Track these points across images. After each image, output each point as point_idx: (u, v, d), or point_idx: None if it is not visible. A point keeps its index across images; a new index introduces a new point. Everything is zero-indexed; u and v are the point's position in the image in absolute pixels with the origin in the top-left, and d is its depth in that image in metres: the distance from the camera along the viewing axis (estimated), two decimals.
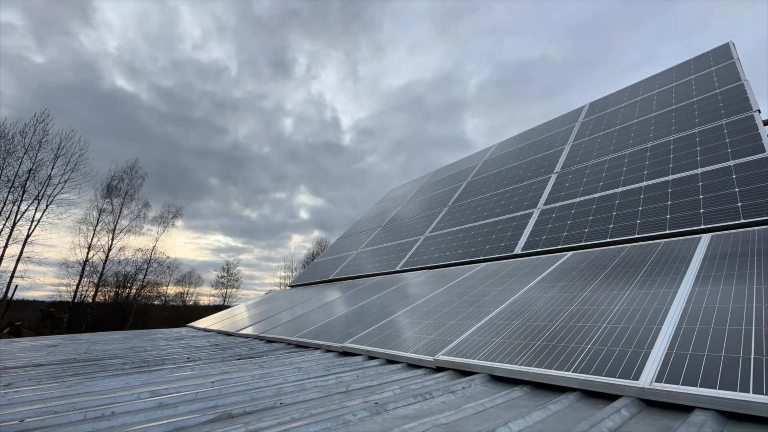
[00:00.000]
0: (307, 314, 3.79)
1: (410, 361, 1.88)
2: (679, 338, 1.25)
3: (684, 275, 1.75)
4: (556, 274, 2.40)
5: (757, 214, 2.17)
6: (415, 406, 1.24)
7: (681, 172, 2.94)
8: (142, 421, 1.17)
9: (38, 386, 1.69)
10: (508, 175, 5.32)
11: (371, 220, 8.17)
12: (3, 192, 16.30)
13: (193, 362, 2.39)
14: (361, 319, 2.91)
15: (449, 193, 6.34)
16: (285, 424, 1.05)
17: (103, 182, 21.06)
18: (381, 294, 3.63)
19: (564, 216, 3.39)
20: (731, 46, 4.36)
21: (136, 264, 21.34)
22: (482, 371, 1.53)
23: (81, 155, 18.53)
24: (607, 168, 3.70)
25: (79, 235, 20.01)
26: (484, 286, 2.70)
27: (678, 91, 4.25)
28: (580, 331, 1.53)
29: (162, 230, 22.74)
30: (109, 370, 2.22)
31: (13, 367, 2.32)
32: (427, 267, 4.25)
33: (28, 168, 16.99)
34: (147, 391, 1.47)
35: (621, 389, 1.12)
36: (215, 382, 1.64)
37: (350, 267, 6.04)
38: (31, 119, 17.21)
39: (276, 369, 1.95)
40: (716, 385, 0.98)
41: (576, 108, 6.15)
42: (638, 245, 2.43)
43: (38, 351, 3.24)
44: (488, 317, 2.03)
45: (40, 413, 1.22)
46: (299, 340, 2.86)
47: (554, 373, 1.29)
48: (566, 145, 4.92)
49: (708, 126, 3.26)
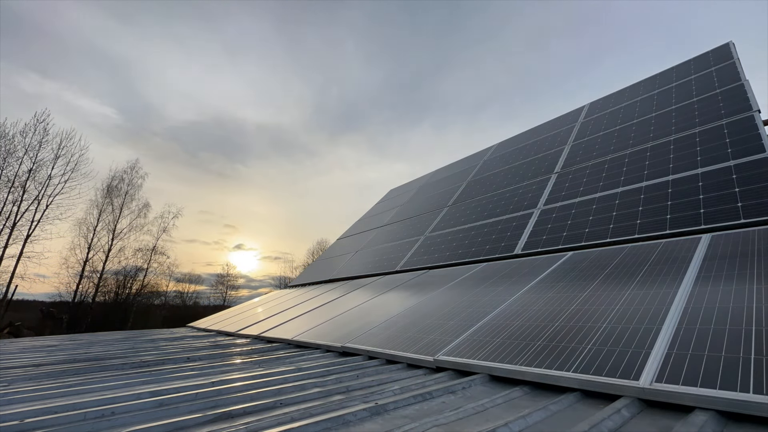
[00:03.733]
0: (307, 314, 3.78)
1: (410, 361, 1.88)
2: (679, 338, 1.25)
3: (684, 275, 1.75)
4: (556, 275, 2.40)
5: (757, 214, 2.17)
6: (415, 406, 1.24)
7: (681, 172, 2.94)
8: (142, 421, 1.17)
9: (38, 386, 1.69)
10: (508, 175, 5.32)
11: (371, 220, 8.17)
12: (3, 192, 16.31)
13: (193, 362, 2.39)
14: (361, 319, 2.91)
15: (449, 193, 6.34)
16: (285, 424, 1.05)
17: (103, 182, 21.08)
18: (381, 294, 3.63)
19: (564, 216, 3.39)
20: (731, 46, 4.36)
21: (136, 264, 21.35)
22: (482, 371, 1.53)
23: (81, 155, 18.54)
24: (608, 168, 3.70)
25: (79, 235, 19.99)
26: (485, 286, 2.70)
27: (678, 91, 4.25)
28: (580, 332, 1.53)
29: (162, 230, 22.73)
30: (109, 370, 2.22)
31: (14, 367, 2.32)
32: (427, 267, 4.25)
33: (28, 168, 17.00)
34: (147, 391, 1.47)
35: (621, 389, 1.12)
36: (215, 382, 1.64)
37: (350, 267, 6.04)
38: (31, 119, 17.23)
39: (276, 369, 1.95)
40: (716, 385, 0.98)
41: (576, 108, 6.15)
42: (638, 245, 2.43)
43: (38, 351, 3.24)
44: (488, 317, 2.03)
45: (40, 413, 1.22)
46: (299, 340, 2.85)
47: (554, 373, 1.29)
48: (566, 145, 4.92)
49: (708, 126, 3.26)
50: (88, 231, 19.95)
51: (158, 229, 22.74)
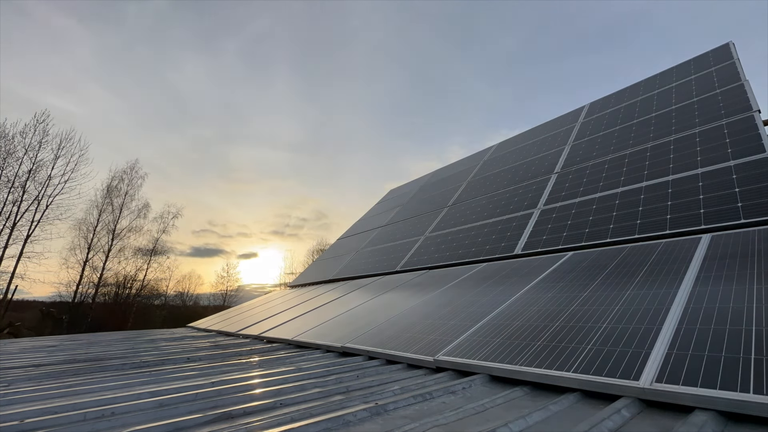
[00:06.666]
0: (307, 314, 3.78)
1: (410, 361, 1.88)
2: (679, 338, 1.25)
3: (684, 275, 1.75)
4: (557, 275, 2.40)
5: (758, 214, 2.17)
6: (416, 406, 1.24)
7: (681, 172, 2.94)
8: (142, 421, 1.17)
9: (38, 386, 1.69)
10: (508, 176, 5.32)
11: (371, 220, 8.17)
12: (3, 192, 16.31)
13: (193, 362, 2.39)
14: (361, 319, 2.91)
15: (449, 193, 6.34)
16: (285, 425, 1.05)
17: (103, 182, 21.06)
18: (381, 294, 3.63)
19: (564, 216, 3.39)
20: (731, 46, 4.36)
21: (136, 264, 21.34)
22: (482, 371, 1.53)
23: (81, 155, 18.54)
24: (608, 168, 3.70)
25: (79, 235, 19.98)
26: (485, 286, 2.70)
27: (678, 91, 4.25)
28: (580, 332, 1.53)
29: (162, 230, 22.72)
30: (109, 370, 2.22)
31: (14, 368, 2.32)
32: (427, 267, 4.25)
33: (28, 168, 17.00)
34: (147, 392, 1.47)
35: (621, 389, 1.12)
36: (215, 382, 1.64)
37: (350, 267, 6.04)
38: (32, 119, 17.23)
39: (276, 369, 1.95)
40: (716, 385, 0.98)
41: (576, 108, 6.15)
42: (638, 245, 2.43)
43: (38, 351, 3.24)
44: (488, 317, 2.03)
45: (40, 413, 1.22)
46: (299, 341, 2.85)
47: (554, 373, 1.29)
48: (566, 145, 4.92)
49: (708, 126, 3.26)
50: (88, 231, 19.97)
51: (158, 230, 22.75)
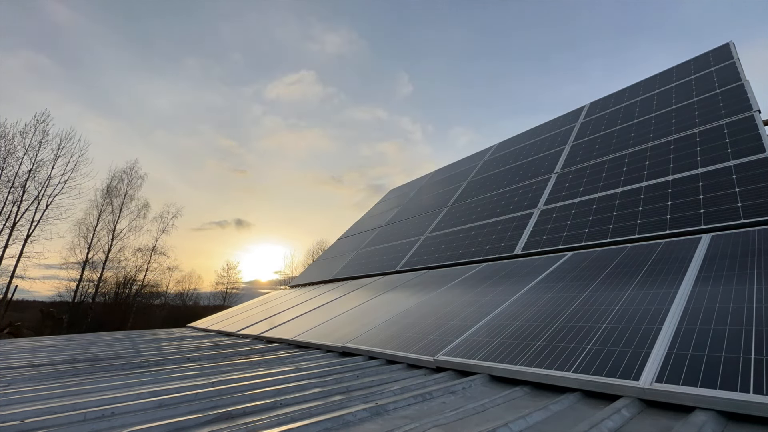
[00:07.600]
0: (307, 314, 3.78)
1: (410, 361, 1.88)
2: (679, 338, 1.25)
3: (684, 275, 1.75)
4: (557, 275, 2.40)
5: (758, 214, 2.17)
6: (416, 406, 1.24)
7: (681, 172, 2.94)
8: (142, 422, 1.17)
9: (38, 386, 1.69)
10: (508, 175, 5.32)
11: (371, 220, 8.17)
12: (3, 192, 16.31)
13: (193, 362, 2.39)
14: (362, 319, 2.91)
15: (449, 193, 6.34)
16: (285, 425, 1.05)
17: (103, 182, 21.06)
18: (381, 294, 3.63)
19: (564, 216, 3.39)
20: (731, 46, 4.36)
21: (136, 264, 21.34)
22: (482, 371, 1.53)
23: (81, 155, 18.54)
24: (608, 168, 3.70)
25: (78, 235, 19.98)
26: (485, 286, 2.70)
27: (678, 91, 4.25)
28: (580, 332, 1.53)
29: (162, 230, 22.72)
30: (109, 370, 2.22)
31: (14, 368, 2.32)
32: (427, 267, 4.25)
33: (28, 168, 17.00)
34: (147, 392, 1.47)
35: (621, 389, 1.12)
36: (215, 382, 1.64)
37: (350, 267, 6.04)
38: (32, 119, 17.23)
39: (276, 369, 1.95)
40: (716, 385, 0.98)
41: (576, 108, 6.15)
42: (638, 245, 2.43)
43: (38, 351, 3.24)
44: (488, 317, 2.03)
45: (40, 413, 1.22)
46: (299, 341, 2.85)
47: (554, 373, 1.29)
48: (566, 145, 4.92)
49: (708, 126, 3.26)
50: (87, 231, 19.97)
51: (158, 229, 22.75)
